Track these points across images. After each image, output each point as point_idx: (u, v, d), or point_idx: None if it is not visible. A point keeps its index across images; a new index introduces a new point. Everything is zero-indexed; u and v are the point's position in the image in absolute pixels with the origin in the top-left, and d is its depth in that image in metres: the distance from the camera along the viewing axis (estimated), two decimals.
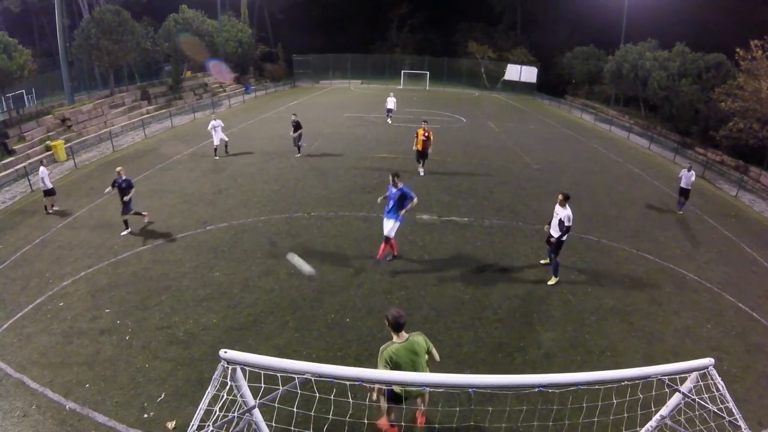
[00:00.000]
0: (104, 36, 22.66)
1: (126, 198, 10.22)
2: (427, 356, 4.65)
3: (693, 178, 13.29)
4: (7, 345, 6.79)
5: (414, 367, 4.45)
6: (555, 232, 8.53)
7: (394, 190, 8.83)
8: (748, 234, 12.77)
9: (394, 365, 4.38)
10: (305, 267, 8.42)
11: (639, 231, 12.01)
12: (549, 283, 8.92)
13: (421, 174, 15.31)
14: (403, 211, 8.86)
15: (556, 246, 8.62)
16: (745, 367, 7.00)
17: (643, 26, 32.45)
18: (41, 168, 11.94)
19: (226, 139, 17.12)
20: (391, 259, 9.50)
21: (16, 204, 12.79)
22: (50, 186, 11.89)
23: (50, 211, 11.92)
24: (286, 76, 43.80)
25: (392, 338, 4.59)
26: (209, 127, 16.57)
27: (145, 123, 22.17)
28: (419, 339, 4.62)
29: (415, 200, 8.86)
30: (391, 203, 8.86)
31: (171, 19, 28.96)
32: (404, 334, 4.56)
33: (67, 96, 21.41)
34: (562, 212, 8.27)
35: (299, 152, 17.12)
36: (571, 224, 8.28)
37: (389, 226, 8.95)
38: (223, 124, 16.98)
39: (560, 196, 8.35)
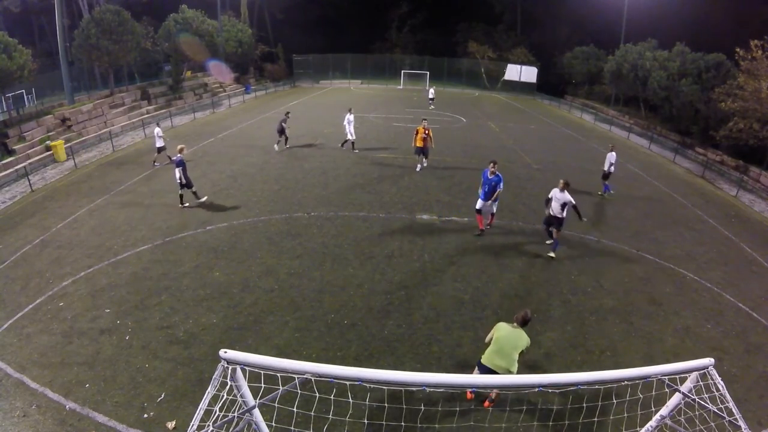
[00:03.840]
0: (104, 36, 22.66)
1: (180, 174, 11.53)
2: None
3: (613, 160, 13.84)
4: (7, 345, 6.79)
5: (506, 347, 5.39)
6: (560, 213, 9.53)
7: (490, 176, 10.26)
8: (748, 234, 12.77)
9: (497, 336, 5.49)
10: None
11: (639, 231, 12.01)
12: (550, 254, 10.02)
13: (418, 169, 15.76)
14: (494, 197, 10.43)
15: (560, 224, 9.69)
16: (745, 367, 7.00)
17: (643, 26, 32.45)
18: (156, 128, 15.33)
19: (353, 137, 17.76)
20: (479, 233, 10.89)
21: (16, 204, 12.78)
22: (162, 144, 15.22)
23: (157, 165, 15.29)
24: (286, 76, 43.79)
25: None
26: (345, 122, 17.51)
27: (145, 123, 22.15)
28: (523, 335, 5.41)
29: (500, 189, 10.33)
30: (486, 187, 10.36)
31: (171, 19, 28.94)
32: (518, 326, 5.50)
33: (67, 96, 21.40)
34: (565, 197, 9.32)
35: (286, 144, 17.95)
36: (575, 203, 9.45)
37: (480, 205, 10.64)
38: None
39: (561, 182, 9.44)
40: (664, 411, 3.50)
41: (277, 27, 47.39)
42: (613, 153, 13.93)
